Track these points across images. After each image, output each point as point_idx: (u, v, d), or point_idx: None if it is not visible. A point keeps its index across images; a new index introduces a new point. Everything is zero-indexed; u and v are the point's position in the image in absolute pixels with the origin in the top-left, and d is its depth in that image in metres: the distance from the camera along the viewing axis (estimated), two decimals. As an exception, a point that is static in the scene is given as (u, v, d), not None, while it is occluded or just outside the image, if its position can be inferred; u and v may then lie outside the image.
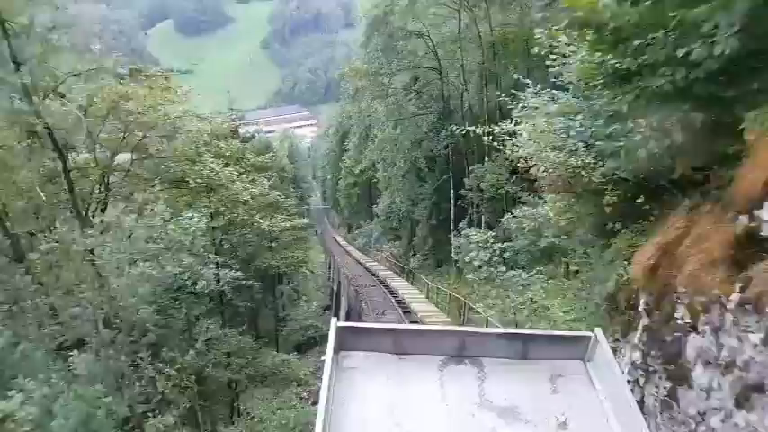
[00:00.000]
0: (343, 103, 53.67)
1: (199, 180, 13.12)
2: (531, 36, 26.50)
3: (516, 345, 3.37)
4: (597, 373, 3.22)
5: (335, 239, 69.12)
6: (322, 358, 3.25)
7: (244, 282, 20.26)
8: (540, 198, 24.49)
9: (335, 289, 36.66)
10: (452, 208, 29.60)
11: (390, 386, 3.13)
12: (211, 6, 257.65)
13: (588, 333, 3.37)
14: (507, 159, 23.25)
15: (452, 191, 29.14)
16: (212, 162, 13.94)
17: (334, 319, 3.40)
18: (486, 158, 26.83)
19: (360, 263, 39.61)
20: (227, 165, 16.49)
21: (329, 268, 47.83)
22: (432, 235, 33.72)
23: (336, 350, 3.26)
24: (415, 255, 35.29)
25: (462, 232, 25.78)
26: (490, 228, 26.76)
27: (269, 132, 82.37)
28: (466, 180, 26.76)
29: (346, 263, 40.61)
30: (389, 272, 33.41)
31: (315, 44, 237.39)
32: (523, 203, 24.39)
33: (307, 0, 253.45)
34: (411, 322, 17.27)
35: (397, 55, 25.39)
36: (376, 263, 38.36)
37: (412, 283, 28.17)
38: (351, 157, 50.22)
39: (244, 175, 15.89)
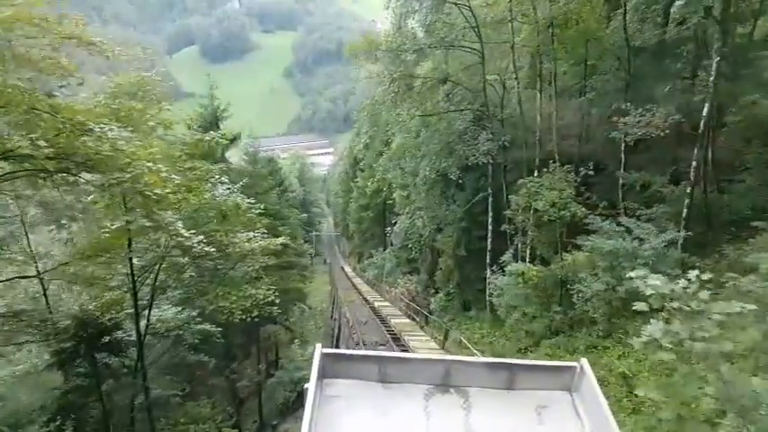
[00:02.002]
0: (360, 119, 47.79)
1: (43, 143, 6.58)
2: (596, 23, 20.13)
3: (502, 374, 3.35)
4: (583, 405, 3.20)
5: (343, 270, 62.07)
6: (305, 386, 3.09)
7: (182, 325, 13.60)
8: (620, 225, 17.77)
9: (336, 333, 29.65)
10: (489, 235, 22.73)
11: (375, 415, 3.13)
12: (237, 34, 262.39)
13: (573, 363, 3.32)
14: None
15: (491, 213, 22.34)
16: (99, 123, 7.53)
17: (318, 345, 3.34)
18: (535, 171, 20.23)
19: (367, 302, 32.28)
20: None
21: (333, 304, 40.77)
22: (458, 269, 26.78)
23: (320, 377, 3.26)
24: (437, 293, 28.23)
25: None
26: (545, 263, 19.85)
27: (284, 158, 77.92)
28: (511, 197, 19.95)
29: (350, 301, 33.19)
30: (405, 319, 25.87)
31: (336, 75, 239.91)
32: (591, 232, 17.81)
33: (330, 31, 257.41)
34: None
35: (427, 24, 19.08)
36: (388, 303, 30.96)
37: (444, 346, 20.08)
38: (361, 156, 43.31)
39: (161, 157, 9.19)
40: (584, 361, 3.28)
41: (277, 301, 12.30)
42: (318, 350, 3.30)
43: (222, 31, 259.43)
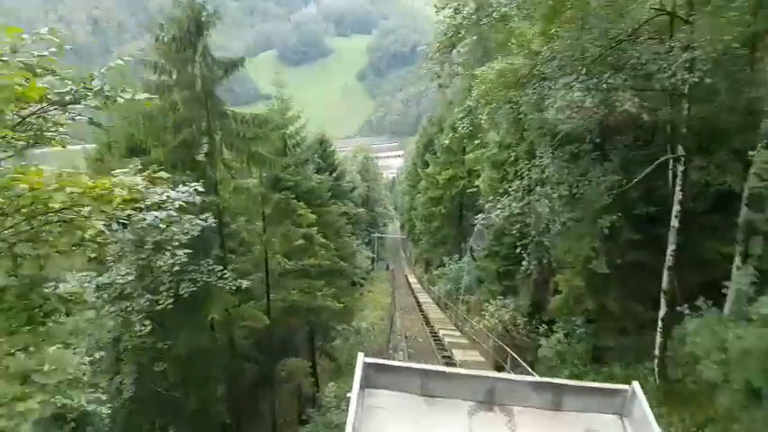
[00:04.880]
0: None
1: None
2: None
3: (548, 395, 3.23)
4: (635, 430, 3.06)
5: (408, 281, 52.12)
6: (348, 395, 2.99)
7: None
8: None
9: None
10: (673, 240, 12.20)
11: (417, 430, 3.02)
12: (313, 39, 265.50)
13: (625, 387, 3.26)
14: None
15: (678, 196, 11.83)
16: None
17: (360, 354, 3.38)
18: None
19: (438, 342, 21.46)
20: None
21: (391, 324, 31.20)
22: (592, 295, 16.27)
23: (362, 387, 3.22)
24: (550, 330, 17.85)
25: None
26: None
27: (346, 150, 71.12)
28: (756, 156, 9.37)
29: (412, 338, 22.16)
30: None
31: (409, 77, 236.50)
32: None
33: (405, 34, 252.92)
34: None
35: None
36: (475, 352, 18.74)
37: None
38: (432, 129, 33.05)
39: None
40: (636, 384, 3.18)
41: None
42: (361, 359, 3.31)
43: (299, 36, 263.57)
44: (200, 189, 5.58)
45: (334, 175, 36.42)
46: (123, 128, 12.59)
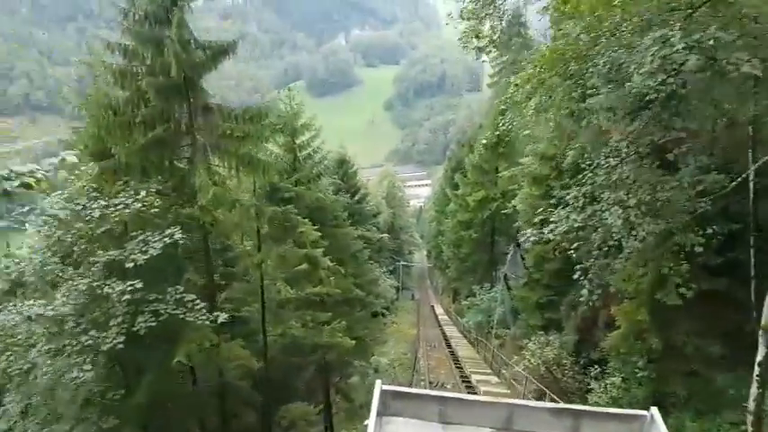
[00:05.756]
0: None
1: None
2: None
3: (567, 420, 3.18)
4: None
5: (434, 311, 48.79)
6: (365, 422, 3.01)
7: None
8: None
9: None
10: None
11: None
12: (341, 69, 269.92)
13: (644, 412, 3.19)
14: None
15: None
16: None
17: (378, 382, 3.38)
18: None
19: (469, 386, 18.58)
20: None
21: (415, 360, 28.16)
22: (657, 331, 13.27)
23: (380, 414, 3.26)
24: (602, 372, 14.84)
25: None
26: None
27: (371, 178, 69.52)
28: None
29: (438, 376, 19.22)
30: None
31: (437, 106, 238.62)
32: None
33: (433, 64, 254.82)
34: None
35: None
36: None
37: None
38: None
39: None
40: (655, 410, 3.12)
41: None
42: (378, 386, 3.31)
43: (327, 67, 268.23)
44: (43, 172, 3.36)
45: (356, 197, 34.37)
46: (90, 128, 10.75)
